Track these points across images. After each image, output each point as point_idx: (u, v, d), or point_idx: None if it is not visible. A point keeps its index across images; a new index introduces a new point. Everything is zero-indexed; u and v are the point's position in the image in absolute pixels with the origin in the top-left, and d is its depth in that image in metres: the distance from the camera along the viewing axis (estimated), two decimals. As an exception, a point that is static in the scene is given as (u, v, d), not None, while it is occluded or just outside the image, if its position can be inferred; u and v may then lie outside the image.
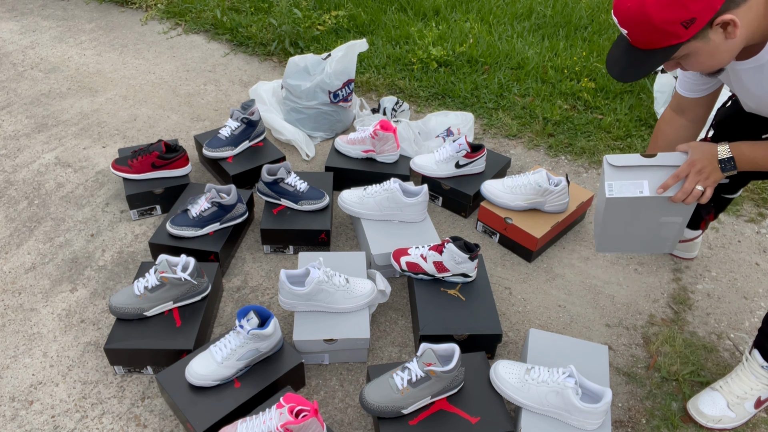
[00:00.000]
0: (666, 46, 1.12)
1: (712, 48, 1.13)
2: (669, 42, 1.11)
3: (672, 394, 1.60)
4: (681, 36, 1.09)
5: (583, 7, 3.68)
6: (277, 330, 1.47)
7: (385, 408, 1.35)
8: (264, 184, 1.98)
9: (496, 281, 1.91)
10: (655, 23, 1.09)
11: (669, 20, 1.07)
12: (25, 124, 2.60)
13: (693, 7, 1.06)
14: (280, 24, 3.23)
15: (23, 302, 1.79)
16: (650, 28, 1.10)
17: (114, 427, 1.47)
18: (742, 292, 1.91)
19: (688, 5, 1.06)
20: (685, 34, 1.09)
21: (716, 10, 1.06)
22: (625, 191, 1.38)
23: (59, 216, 2.11)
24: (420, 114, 2.75)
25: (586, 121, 2.67)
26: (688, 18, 1.07)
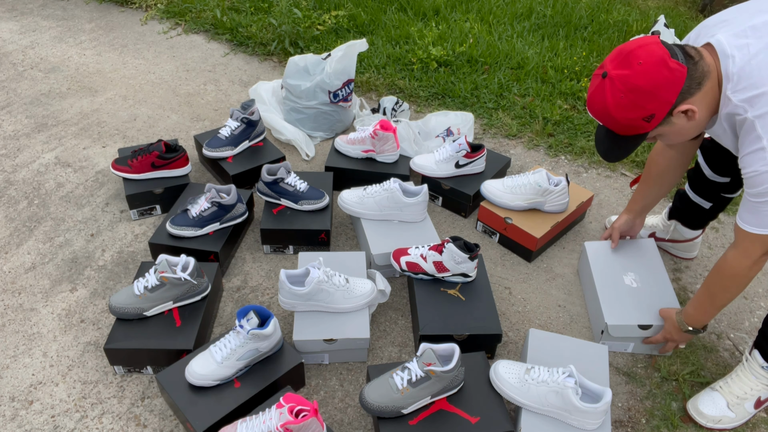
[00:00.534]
0: (634, 134, 1.28)
1: (678, 129, 1.27)
2: (637, 132, 1.27)
3: (672, 394, 1.60)
4: (645, 127, 1.24)
5: (583, 7, 3.68)
6: (276, 330, 1.47)
7: (385, 408, 1.35)
8: (264, 184, 1.98)
9: (496, 281, 1.91)
10: (620, 121, 1.24)
11: (630, 118, 1.23)
12: (25, 124, 2.60)
13: (649, 107, 1.20)
14: (280, 24, 3.23)
15: (23, 302, 1.79)
16: (617, 124, 1.26)
17: (114, 427, 1.47)
18: (742, 292, 1.90)
19: (644, 105, 1.20)
20: (648, 126, 1.24)
21: (672, 103, 1.20)
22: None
23: (59, 216, 2.11)
24: (420, 114, 2.75)
25: (586, 121, 2.67)
26: (646, 115, 1.22)
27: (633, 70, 1.19)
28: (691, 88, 1.20)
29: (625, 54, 1.21)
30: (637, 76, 1.18)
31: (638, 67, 1.18)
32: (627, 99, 1.20)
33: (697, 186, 1.77)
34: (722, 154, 1.63)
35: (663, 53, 1.18)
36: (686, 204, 1.84)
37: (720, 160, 1.66)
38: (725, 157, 1.63)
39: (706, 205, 1.79)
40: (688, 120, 1.24)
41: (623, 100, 1.21)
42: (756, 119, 1.17)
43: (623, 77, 1.20)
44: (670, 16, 3.69)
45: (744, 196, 1.27)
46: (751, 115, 1.17)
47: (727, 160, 1.64)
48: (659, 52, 1.18)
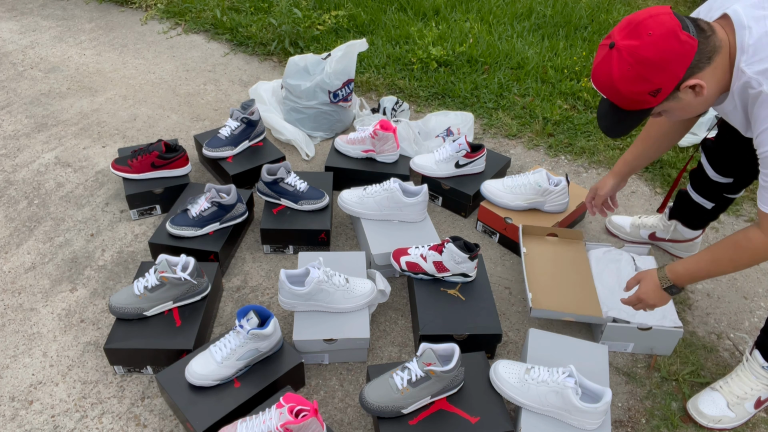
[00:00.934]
0: (639, 109, 1.22)
1: (685, 105, 1.21)
2: (641, 107, 1.21)
3: (672, 393, 1.60)
4: (651, 102, 1.19)
5: (583, 7, 3.68)
6: (276, 330, 1.47)
7: (385, 408, 1.35)
8: (264, 184, 1.98)
9: (495, 281, 1.91)
10: (625, 95, 1.19)
11: (636, 92, 1.17)
12: (25, 124, 2.60)
13: (656, 80, 1.15)
14: (280, 24, 3.23)
15: (23, 302, 1.79)
16: (622, 98, 1.20)
17: (114, 426, 1.47)
18: (742, 292, 1.91)
19: (651, 79, 1.15)
20: (654, 101, 1.19)
21: (680, 78, 1.15)
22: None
23: (59, 216, 2.11)
24: (420, 114, 2.75)
25: (586, 120, 2.67)
26: (653, 89, 1.16)
27: (642, 41, 1.13)
28: (701, 62, 1.14)
29: (634, 24, 1.14)
30: (646, 47, 1.12)
31: (647, 38, 1.12)
32: (634, 71, 1.15)
33: (700, 186, 1.77)
34: (726, 155, 1.63)
35: (674, 24, 1.12)
36: (688, 204, 1.84)
37: (723, 160, 1.65)
38: (729, 157, 1.62)
39: (708, 205, 1.78)
40: (696, 96, 1.18)
41: (630, 72, 1.15)
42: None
43: (631, 48, 1.13)
44: (670, 16, 3.68)
45: (761, 177, 1.22)
46: (767, 88, 1.13)
47: (730, 161, 1.63)
48: (670, 23, 1.12)
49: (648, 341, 1.65)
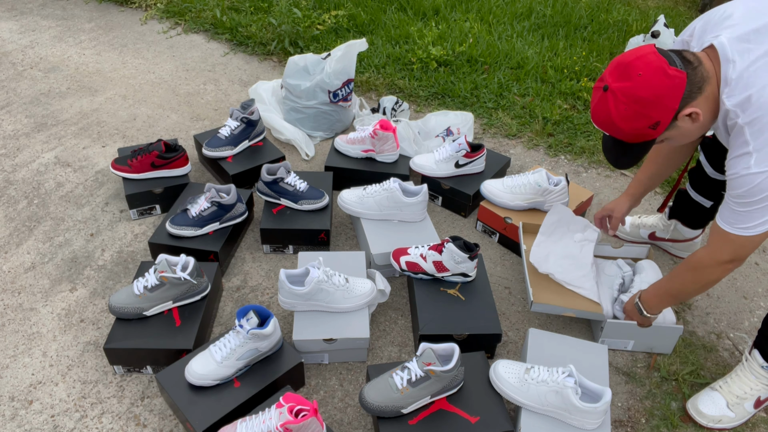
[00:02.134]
0: (641, 142, 1.29)
1: (684, 131, 1.28)
2: (644, 139, 1.28)
3: (671, 393, 1.60)
4: (652, 135, 1.26)
5: (582, 7, 3.68)
6: (276, 329, 1.47)
7: (385, 407, 1.35)
8: (264, 184, 1.98)
9: (495, 281, 1.91)
10: (626, 131, 1.26)
11: (637, 128, 1.24)
12: (25, 124, 2.60)
13: (654, 115, 1.21)
14: (280, 23, 3.23)
15: (23, 302, 1.79)
16: (624, 134, 1.27)
17: (113, 426, 1.47)
18: (742, 291, 1.91)
19: (649, 114, 1.21)
20: (654, 133, 1.25)
21: (675, 109, 1.21)
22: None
23: (59, 215, 2.11)
24: (420, 113, 2.75)
25: (585, 120, 2.67)
26: (652, 123, 1.23)
27: (633, 82, 1.20)
28: (693, 92, 1.21)
29: (623, 66, 1.22)
30: (639, 87, 1.19)
31: (638, 79, 1.19)
32: (631, 110, 1.22)
33: (699, 184, 1.78)
34: (723, 152, 1.63)
35: (661, 62, 1.19)
36: (687, 203, 1.84)
37: (721, 157, 1.66)
38: (726, 154, 1.63)
39: (707, 203, 1.79)
40: (693, 122, 1.25)
41: (627, 112, 1.22)
42: (746, 125, 1.19)
43: (625, 89, 1.21)
44: (669, 16, 3.69)
45: (725, 197, 1.29)
46: (742, 121, 1.19)
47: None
48: (657, 61, 1.19)
49: (648, 339, 1.65)
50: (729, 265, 1.32)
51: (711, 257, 1.34)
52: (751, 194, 1.20)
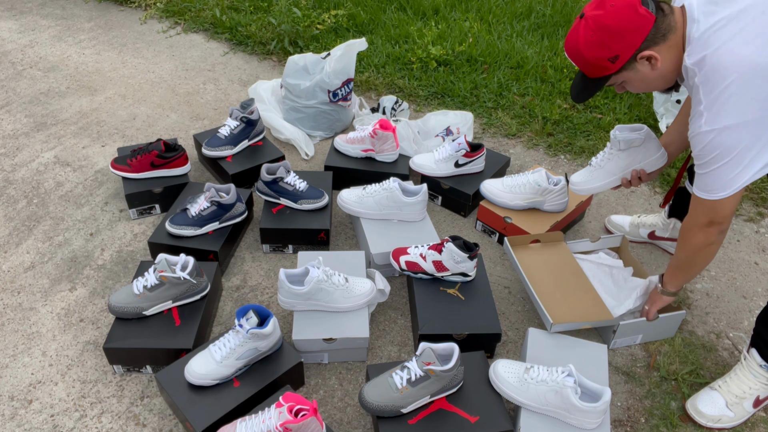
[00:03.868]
0: (600, 76, 1.35)
1: (643, 76, 1.33)
2: (603, 73, 1.34)
3: (671, 393, 1.60)
4: (610, 69, 1.32)
5: (582, 7, 3.68)
6: (276, 329, 1.47)
7: (385, 407, 1.35)
8: (263, 183, 1.98)
9: (495, 280, 1.92)
10: (588, 59, 1.32)
11: (597, 57, 1.31)
12: (24, 123, 2.60)
13: (615, 47, 1.28)
14: (280, 23, 3.23)
15: (22, 301, 1.79)
16: (585, 63, 1.34)
17: (113, 426, 1.47)
18: (741, 291, 1.91)
19: (611, 46, 1.28)
20: (613, 68, 1.32)
21: (636, 47, 1.28)
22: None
23: (58, 215, 2.11)
24: (419, 113, 2.75)
25: (585, 120, 2.67)
26: (611, 56, 1.29)
27: (605, 11, 1.26)
28: (656, 37, 1.27)
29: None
30: (608, 16, 1.26)
31: (610, 9, 1.26)
32: (596, 37, 1.28)
33: None
34: None
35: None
36: (686, 201, 1.84)
37: None
38: None
39: None
40: (652, 69, 1.30)
41: (592, 38, 1.28)
42: (700, 84, 1.23)
43: (595, 17, 1.27)
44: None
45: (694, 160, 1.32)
46: (697, 80, 1.23)
47: None
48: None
49: (655, 329, 1.67)
50: (710, 228, 1.36)
51: (690, 221, 1.40)
52: (705, 153, 1.26)
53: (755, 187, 2.31)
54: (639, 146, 1.66)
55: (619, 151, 1.69)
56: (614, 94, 2.83)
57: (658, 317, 1.64)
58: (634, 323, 1.63)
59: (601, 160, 1.73)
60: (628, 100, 2.77)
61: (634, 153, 1.67)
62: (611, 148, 1.71)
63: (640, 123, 2.63)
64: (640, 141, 1.65)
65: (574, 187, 1.77)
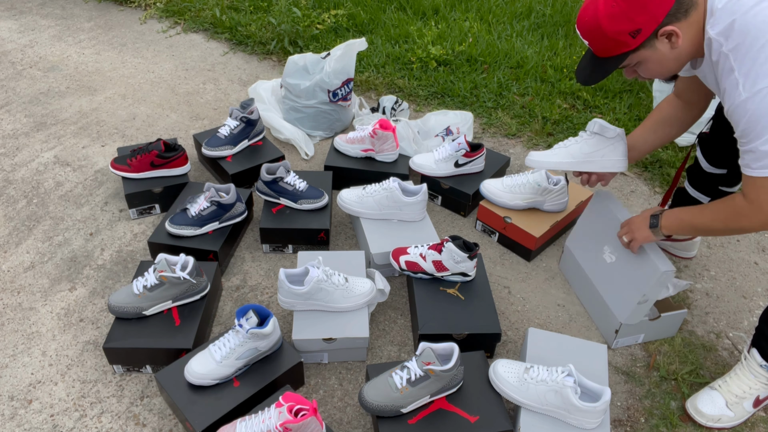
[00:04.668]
0: (619, 53, 1.28)
1: (660, 56, 1.27)
2: (621, 50, 1.27)
3: (671, 393, 1.60)
4: (630, 44, 1.25)
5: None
6: (276, 329, 1.47)
7: (384, 407, 1.35)
8: (263, 183, 1.98)
9: (495, 280, 1.92)
10: (607, 33, 1.25)
11: (618, 31, 1.23)
12: (24, 123, 2.60)
13: (638, 20, 1.21)
14: (280, 23, 3.23)
15: (22, 301, 1.79)
16: (603, 37, 1.26)
17: (113, 426, 1.47)
18: (741, 291, 1.91)
19: (633, 18, 1.21)
20: (633, 43, 1.24)
21: (659, 22, 1.21)
22: None
23: (58, 215, 2.11)
24: (419, 113, 2.75)
25: (585, 120, 2.67)
26: (634, 29, 1.22)
27: None
28: (678, 12, 1.21)
29: None
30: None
31: None
32: (618, 8, 1.21)
33: (696, 181, 1.78)
34: (718, 146, 1.65)
35: None
36: (686, 200, 1.85)
37: (717, 151, 1.67)
38: (721, 148, 1.64)
39: (705, 200, 1.79)
40: (671, 47, 1.24)
41: (614, 9, 1.22)
42: (729, 52, 1.18)
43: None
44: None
45: (738, 139, 1.24)
46: (725, 48, 1.18)
47: (724, 152, 1.65)
48: None
49: (656, 328, 1.68)
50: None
51: (752, 207, 1.25)
52: (752, 124, 1.16)
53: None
54: (608, 140, 1.61)
55: (589, 136, 1.64)
56: (614, 93, 2.83)
57: (660, 317, 1.63)
58: (638, 324, 1.63)
59: (566, 142, 1.68)
60: (628, 100, 2.77)
61: (601, 144, 1.62)
62: (583, 133, 1.67)
63: (639, 123, 2.63)
64: (614, 134, 1.61)
65: (530, 159, 1.68)
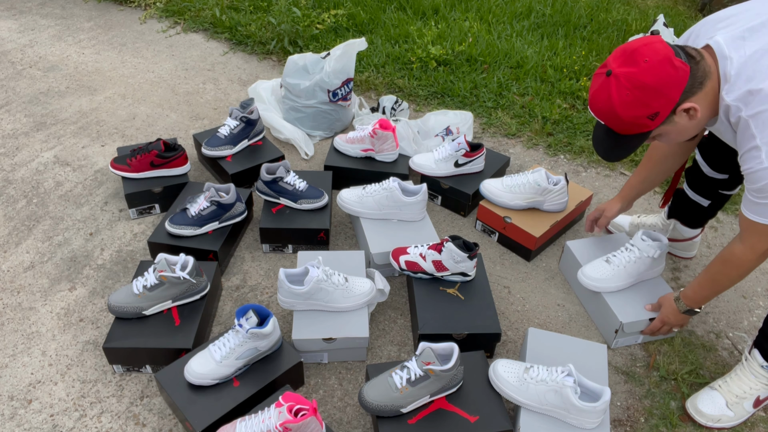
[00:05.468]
0: (637, 133, 1.28)
1: (680, 128, 1.28)
2: (640, 130, 1.27)
3: (671, 393, 1.60)
4: (649, 126, 1.25)
5: (582, 6, 3.68)
6: (276, 329, 1.47)
7: (384, 407, 1.35)
8: (263, 183, 1.98)
9: (495, 280, 1.92)
10: (624, 119, 1.25)
11: (635, 116, 1.23)
12: (24, 123, 2.60)
13: (654, 105, 1.21)
14: (279, 23, 3.23)
15: (22, 301, 1.79)
16: (621, 122, 1.26)
17: (113, 426, 1.47)
18: (741, 291, 1.91)
19: (649, 103, 1.21)
20: (652, 125, 1.25)
21: (675, 102, 1.21)
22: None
23: (58, 215, 2.11)
24: (419, 113, 2.75)
25: (585, 120, 2.67)
26: (651, 113, 1.23)
27: (639, 68, 1.19)
28: (694, 87, 1.22)
29: (629, 52, 1.22)
30: (644, 73, 1.19)
31: (644, 65, 1.19)
32: (632, 96, 1.21)
33: (696, 184, 1.78)
34: (720, 151, 1.64)
35: (668, 51, 1.19)
36: (685, 202, 1.85)
37: (718, 156, 1.66)
38: (723, 153, 1.63)
39: (705, 202, 1.79)
40: (690, 119, 1.25)
41: (628, 97, 1.21)
42: (750, 118, 1.19)
43: (629, 74, 1.20)
44: (669, 16, 3.69)
45: (746, 191, 1.29)
46: (745, 114, 1.19)
47: (724, 157, 1.64)
48: (664, 50, 1.20)
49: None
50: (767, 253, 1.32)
51: (749, 251, 1.33)
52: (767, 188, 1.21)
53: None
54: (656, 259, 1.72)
55: (644, 255, 1.70)
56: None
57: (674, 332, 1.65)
58: (638, 322, 1.63)
59: (621, 258, 1.72)
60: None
61: (650, 262, 1.71)
62: (637, 250, 1.71)
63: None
64: (658, 252, 1.70)
65: (584, 280, 1.74)
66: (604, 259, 1.74)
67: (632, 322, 1.63)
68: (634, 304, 1.67)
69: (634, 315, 1.64)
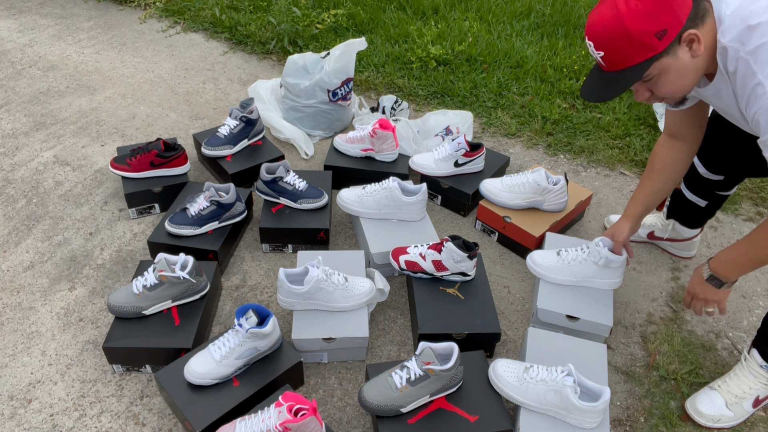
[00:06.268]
0: (641, 61, 1.18)
1: (681, 66, 1.20)
2: (644, 55, 1.17)
3: (670, 392, 1.60)
4: (656, 47, 1.16)
5: (582, 6, 3.67)
6: (275, 329, 1.47)
7: (384, 406, 1.35)
8: (263, 183, 1.98)
9: (495, 280, 1.92)
10: (633, 35, 1.15)
11: (644, 31, 1.14)
12: (24, 123, 2.60)
13: (664, 19, 1.13)
14: (279, 22, 3.23)
15: (22, 301, 1.79)
16: (627, 41, 1.16)
17: (113, 425, 1.47)
18: (741, 290, 1.91)
19: (659, 17, 1.13)
20: (659, 46, 1.16)
21: (682, 24, 1.14)
22: None
23: (58, 214, 2.11)
24: (419, 113, 2.75)
25: (585, 120, 2.67)
26: (660, 29, 1.14)
27: None
28: (696, 18, 1.16)
29: None
30: None
31: None
32: (643, 5, 1.13)
33: (692, 184, 1.78)
34: (716, 152, 1.64)
35: None
36: (682, 202, 1.85)
37: (714, 157, 1.66)
38: (719, 154, 1.63)
39: (702, 203, 1.79)
40: (692, 56, 1.18)
41: (638, 7, 1.13)
42: (749, 55, 1.14)
43: None
44: None
45: (764, 154, 1.20)
46: (744, 52, 1.15)
47: (721, 158, 1.64)
48: None
49: None
50: None
51: None
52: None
53: (755, 186, 2.31)
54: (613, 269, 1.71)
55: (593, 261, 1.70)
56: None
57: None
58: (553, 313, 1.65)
59: (569, 255, 1.73)
60: (627, 100, 2.77)
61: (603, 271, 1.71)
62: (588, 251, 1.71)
63: (639, 122, 2.63)
64: (618, 264, 1.68)
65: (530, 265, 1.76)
66: (557, 251, 1.75)
67: (547, 311, 1.64)
68: (563, 297, 1.68)
69: (554, 306, 1.65)
